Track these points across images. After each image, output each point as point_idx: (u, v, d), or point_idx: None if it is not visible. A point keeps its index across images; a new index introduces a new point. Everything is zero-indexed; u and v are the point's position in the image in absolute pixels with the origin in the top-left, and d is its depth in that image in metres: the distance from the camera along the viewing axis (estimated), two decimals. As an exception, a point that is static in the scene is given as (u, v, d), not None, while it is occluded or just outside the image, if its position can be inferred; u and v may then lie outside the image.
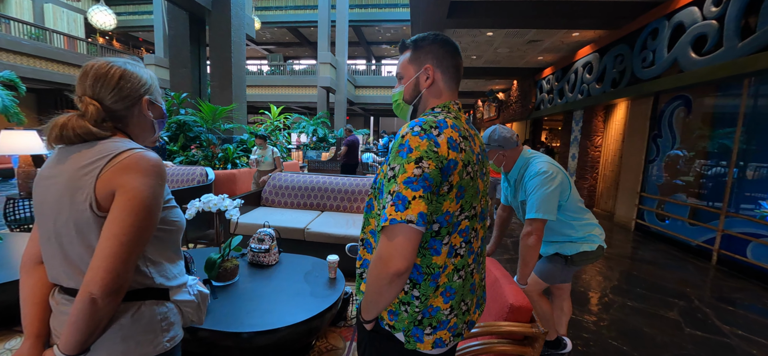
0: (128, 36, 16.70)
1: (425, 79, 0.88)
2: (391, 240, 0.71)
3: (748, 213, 3.54)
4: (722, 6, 3.43)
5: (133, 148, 0.77)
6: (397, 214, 0.70)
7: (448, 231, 0.79)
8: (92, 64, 0.79)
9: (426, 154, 0.72)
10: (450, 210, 0.77)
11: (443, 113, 0.84)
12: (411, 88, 0.91)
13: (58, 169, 0.76)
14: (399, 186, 0.72)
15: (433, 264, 0.79)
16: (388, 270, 0.71)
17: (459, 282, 0.83)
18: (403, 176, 0.72)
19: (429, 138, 0.74)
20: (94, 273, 0.70)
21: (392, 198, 0.72)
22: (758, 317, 2.66)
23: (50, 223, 0.76)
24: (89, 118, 0.76)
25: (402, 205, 0.71)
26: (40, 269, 0.83)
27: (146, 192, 0.75)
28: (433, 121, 0.78)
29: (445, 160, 0.74)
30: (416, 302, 0.80)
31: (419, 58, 0.89)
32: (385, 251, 0.72)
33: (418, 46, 0.89)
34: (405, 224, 0.70)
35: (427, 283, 0.80)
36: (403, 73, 0.92)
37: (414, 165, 0.72)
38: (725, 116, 3.89)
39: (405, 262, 0.71)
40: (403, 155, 0.73)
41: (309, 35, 17.70)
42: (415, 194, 0.71)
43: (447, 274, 0.81)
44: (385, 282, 0.73)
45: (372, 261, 0.76)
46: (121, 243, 0.71)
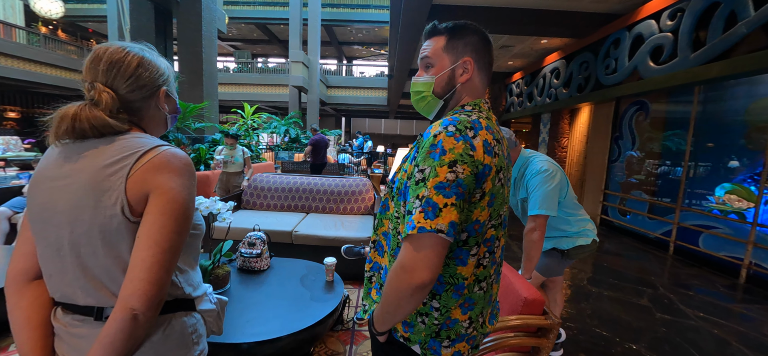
0: (76, 26, 15.23)
1: (461, 73, 0.79)
2: (418, 250, 0.66)
3: (700, 207, 3.94)
4: (677, 20, 3.79)
5: (161, 144, 0.70)
6: (426, 222, 0.64)
7: (476, 241, 0.73)
8: (105, 48, 0.70)
9: (461, 157, 0.66)
10: (480, 218, 0.71)
11: (476, 112, 0.77)
12: (444, 81, 0.80)
13: (70, 167, 0.66)
14: (429, 191, 0.65)
15: (457, 274, 0.74)
16: (411, 281, 0.66)
17: (480, 294, 0.77)
18: (434, 180, 0.65)
19: (464, 140, 0.67)
20: (136, 286, 0.62)
21: (421, 204, 0.66)
22: (714, 300, 2.95)
23: (63, 232, 0.65)
24: (104, 108, 0.67)
25: (432, 213, 0.65)
26: (34, 287, 0.71)
27: (183, 194, 0.68)
28: (468, 121, 0.71)
29: (481, 165, 0.68)
30: (435, 314, 0.75)
31: (457, 49, 0.79)
32: (408, 261, 0.66)
33: (455, 34, 0.80)
34: (434, 233, 0.64)
35: (448, 294, 0.74)
36: (435, 61, 0.81)
37: (447, 169, 0.65)
38: (679, 120, 4.31)
39: (430, 274, 0.66)
40: (435, 157, 0.67)
41: (278, 33, 17.19)
42: (447, 201, 0.65)
43: (469, 286, 0.75)
44: (407, 294, 0.68)
45: (393, 271, 0.70)
46: (164, 251, 0.64)
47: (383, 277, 0.86)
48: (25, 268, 0.71)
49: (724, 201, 3.85)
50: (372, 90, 16.65)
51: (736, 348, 2.25)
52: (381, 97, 16.59)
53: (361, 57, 21.34)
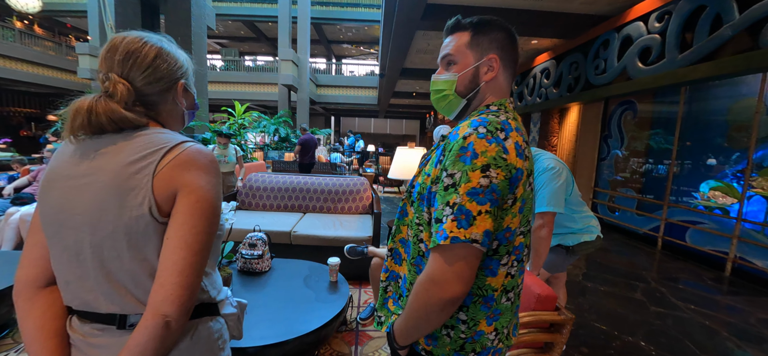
0: (53, 21, 14.61)
1: (486, 71, 0.75)
2: (449, 261, 0.62)
3: (686, 204, 4.08)
4: (664, 22, 3.91)
5: (186, 140, 0.66)
6: (459, 231, 0.60)
7: (506, 250, 0.69)
8: (122, 38, 0.66)
9: (494, 161, 0.62)
10: (511, 226, 0.67)
11: (502, 113, 0.73)
12: (468, 79, 0.76)
13: (90, 165, 0.62)
14: (462, 197, 0.61)
15: (486, 285, 0.70)
16: (442, 295, 0.62)
17: (507, 305, 0.74)
18: (466, 186, 0.61)
19: (497, 142, 0.64)
20: (168, 291, 0.58)
21: (453, 212, 0.61)
22: (702, 292, 3.06)
23: (83, 235, 0.61)
24: (119, 100, 0.63)
25: (465, 221, 0.60)
26: (46, 294, 0.66)
27: (212, 192, 0.65)
28: (498, 122, 0.67)
29: (514, 170, 0.64)
30: (462, 327, 0.71)
31: (481, 45, 0.75)
32: (439, 273, 0.62)
33: (480, 30, 0.76)
34: (468, 244, 0.60)
35: (477, 306, 0.70)
36: (458, 58, 0.77)
37: (480, 173, 0.61)
38: (666, 119, 4.45)
39: (464, 287, 0.62)
40: (466, 161, 0.63)
41: (266, 30, 16.92)
42: (482, 208, 0.61)
43: (497, 297, 0.72)
44: (436, 309, 0.64)
45: (420, 284, 0.66)
46: (195, 253, 0.61)
47: (402, 287, 0.83)
48: (36, 274, 0.66)
49: (708, 197, 4.00)
50: (362, 89, 16.59)
51: (726, 338, 2.33)
52: (371, 96, 16.55)
53: (351, 56, 21.24)
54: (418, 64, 8.76)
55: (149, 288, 0.62)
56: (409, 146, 3.16)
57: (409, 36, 5.93)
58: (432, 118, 19.23)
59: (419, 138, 23.42)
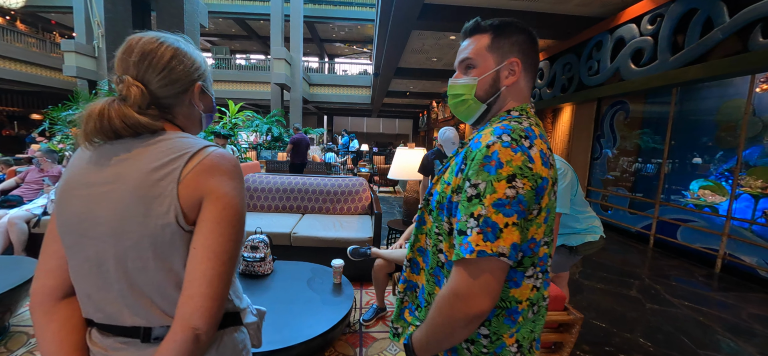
0: (37, 17, 14.16)
1: (507, 76, 0.73)
2: (475, 275, 0.60)
3: (677, 202, 4.18)
4: (656, 24, 3.99)
5: (208, 144, 0.64)
6: (485, 245, 0.58)
7: (531, 262, 0.67)
8: (138, 39, 0.63)
9: (520, 170, 0.60)
10: (536, 237, 0.66)
11: (525, 119, 0.71)
12: (488, 83, 0.74)
13: (110, 172, 0.59)
14: (487, 209, 0.59)
15: (510, 297, 0.68)
16: (468, 310, 0.60)
17: (531, 317, 0.71)
18: (492, 197, 0.59)
19: (522, 151, 0.62)
20: (197, 303, 0.57)
21: (479, 224, 0.59)
22: (695, 289, 3.14)
23: (106, 245, 0.58)
24: (132, 103, 0.60)
25: (492, 234, 0.58)
26: (64, 306, 0.64)
27: (238, 198, 0.63)
28: (521, 130, 0.66)
29: (540, 179, 0.62)
30: (484, 341, 0.70)
31: (502, 48, 0.73)
32: (464, 288, 0.60)
33: (501, 33, 0.73)
34: (495, 257, 0.58)
35: (500, 320, 0.68)
36: (478, 61, 0.74)
37: (506, 184, 0.59)
38: (657, 119, 4.54)
39: (490, 302, 0.60)
40: (491, 170, 0.60)
41: (258, 29, 16.73)
42: (508, 220, 0.59)
43: (522, 311, 0.70)
44: (461, 324, 0.62)
45: (444, 298, 0.64)
46: (223, 262, 0.59)
47: (420, 297, 0.82)
48: (53, 286, 0.64)
49: (698, 195, 4.10)
50: (355, 88, 16.54)
51: (720, 333, 2.40)
52: (364, 95, 16.51)
53: (343, 55, 21.15)
54: (413, 63, 8.78)
55: (175, 300, 0.60)
56: (409, 146, 3.16)
57: (405, 35, 5.93)
58: (425, 117, 19.29)
59: (412, 137, 23.46)
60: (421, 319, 0.80)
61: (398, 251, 2.22)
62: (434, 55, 8.06)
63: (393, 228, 3.28)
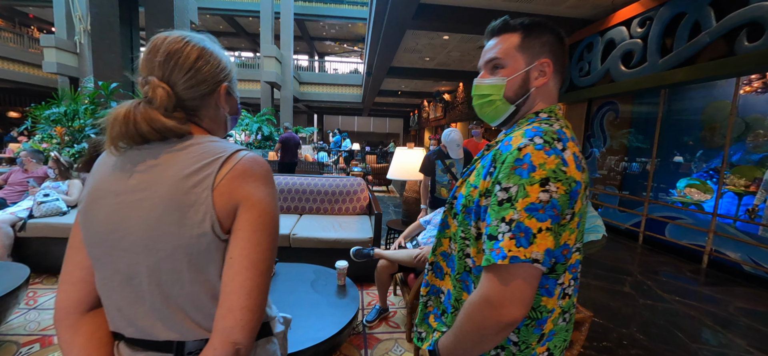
0: (14, 10, 13.56)
1: (537, 77, 0.71)
2: (507, 282, 0.58)
3: (665, 200, 4.31)
4: (646, 27, 4.09)
5: (240, 148, 0.62)
6: (518, 250, 0.57)
7: (563, 268, 0.66)
8: (163, 38, 0.61)
9: (553, 174, 0.59)
10: (569, 242, 0.64)
11: (554, 121, 0.69)
12: (517, 84, 0.72)
13: (141, 179, 0.57)
14: (520, 213, 0.58)
15: (541, 306, 0.66)
16: (500, 318, 0.59)
17: (563, 325, 0.70)
18: (524, 201, 0.58)
19: (556, 154, 0.60)
20: (237, 316, 0.55)
21: (510, 229, 0.58)
22: (684, 284, 3.25)
23: (139, 256, 0.56)
24: (158, 106, 0.58)
25: (525, 239, 0.57)
26: (89, 320, 0.62)
27: (273, 205, 0.61)
28: (553, 132, 0.64)
29: (574, 183, 0.60)
30: (513, 348, 0.69)
31: (533, 49, 0.71)
32: (496, 295, 0.59)
33: (532, 33, 0.71)
34: (529, 263, 0.57)
35: (529, 329, 0.67)
36: (507, 61, 0.72)
37: (539, 187, 0.58)
38: (646, 120, 4.67)
39: (523, 310, 0.59)
40: (523, 174, 0.59)
41: (247, 26, 16.46)
42: (542, 225, 0.57)
43: (553, 319, 0.68)
44: (492, 332, 0.61)
45: (474, 305, 0.63)
46: (261, 273, 0.57)
47: (445, 302, 0.81)
48: (77, 298, 0.61)
49: (685, 194, 4.25)
50: (346, 87, 16.47)
51: (711, 326, 2.49)
52: (355, 94, 16.44)
53: (334, 53, 21.01)
54: (406, 62, 8.79)
55: (210, 312, 0.58)
56: (408, 146, 3.16)
57: (400, 35, 5.93)
58: (416, 116, 19.34)
59: (403, 136, 23.50)
60: (447, 325, 0.79)
61: (401, 252, 2.21)
62: (428, 55, 8.08)
63: (392, 229, 3.28)
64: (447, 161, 2.84)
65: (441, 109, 13.16)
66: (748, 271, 3.37)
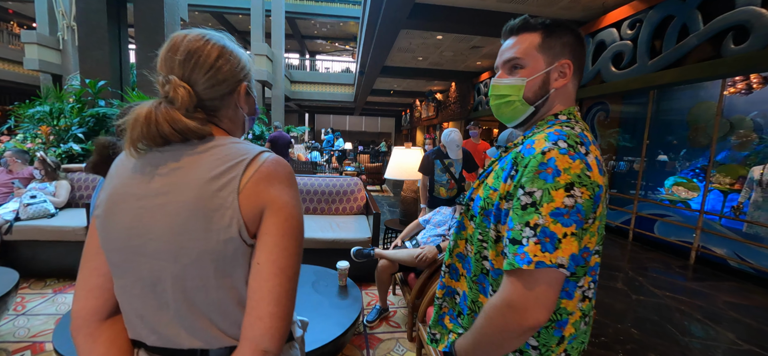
0: (-10, 5, 13.05)
1: (557, 78, 0.71)
2: (531, 287, 0.58)
3: (654, 198, 4.42)
4: (636, 30, 4.19)
5: (263, 150, 0.61)
6: (544, 255, 0.57)
7: (584, 271, 0.66)
8: (183, 36, 0.59)
9: (578, 179, 0.58)
10: (589, 246, 0.64)
11: (574, 123, 0.69)
12: (537, 85, 0.71)
13: (163, 183, 0.55)
14: (544, 218, 0.57)
15: (561, 309, 0.66)
16: (522, 323, 0.59)
17: (583, 329, 0.70)
18: (549, 206, 0.58)
19: (580, 158, 0.60)
20: (267, 324, 0.54)
21: (535, 234, 0.58)
22: (673, 280, 3.35)
23: (163, 263, 0.54)
24: (180, 106, 0.56)
25: (550, 244, 0.57)
26: (108, 327, 0.60)
27: (298, 208, 0.60)
28: (576, 135, 0.64)
29: (597, 187, 0.60)
30: (532, 352, 0.69)
31: (553, 49, 0.70)
32: (520, 299, 0.59)
33: (552, 33, 0.70)
34: (554, 269, 0.57)
35: (549, 332, 0.67)
36: (527, 61, 0.70)
37: (564, 192, 0.58)
38: (635, 120, 4.78)
39: (546, 314, 0.59)
40: (548, 178, 0.59)
41: (236, 23, 16.24)
42: (567, 230, 0.57)
43: (573, 322, 0.68)
44: (514, 336, 0.61)
45: (495, 308, 0.63)
46: (289, 278, 0.56)
47: (461, 304, 0.81)
48: (95, 306, 0.59)
49: (672, 191, 4.37)
50: (338, 86, 16.39)
51: (700, 320, 2.56)
52: (346, 93, 16.38)
53: (325, 52, 20.88)
54: (399, 62, 8.79)
55: (236, 319, 0.57)
56: (406, 146, 3.17)
57: (394, 34, 5.93)
58: (408, 115, 19.38)
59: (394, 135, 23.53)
60: (464, 327, 0.79)
61: (402, 251, 2.22)
62: (421, 54, 8.10)
63: (390, 228, 3.28)
64: (446, 161, 2.85)
65: (433, 108, 13.22)
66: (734, 267, 3.48)
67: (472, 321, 0.77)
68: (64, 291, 2.56)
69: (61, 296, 2.48)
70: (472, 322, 0.77)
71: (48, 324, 2.12)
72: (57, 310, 2.29)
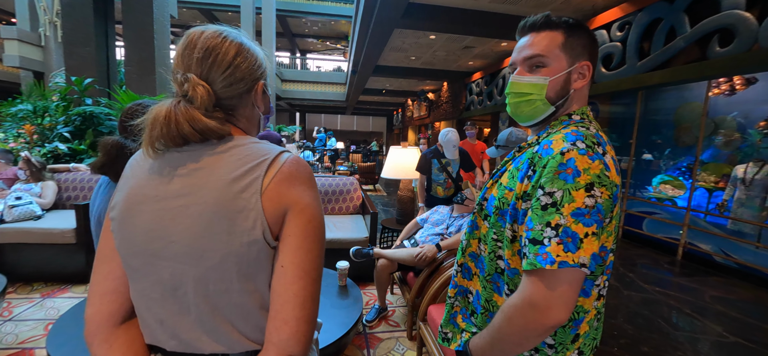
0: (-35, -2, 12.52)
1: (577, 79, 0.71)
2: (553, 286, 0.58)
3: (642, 195, 4.54)
4: (625, 32, 4.28)
5: (282, 150, 0.60)
6: (566, 255, 0.57)
7: (601, 270, 0.67)
8: (200, 33, 0.57)
9: (598, 179, 0.59)
10: (606, 245, 0.65)
11: (587, 123, 0.70)
12: (559, 85, 0.70)
13: (184, 184, 0.54)
14: (566, 218, 0.58)
15: (578, 307, 0.67)
16: (545, 321, 0.59)
17: (596, 326, 0.72)
18: (571, 206, 0.58)
19: (599, 159, 0.60)
20: (293, 328, 0.53)
21: (557, 234, 0.58)
22: (662, 275, 3.44)
23: (185, 266, 0.53)
24: (199, 105, 0.55)
25: (572, 244, 0.57)
26: (123, 332, 0.58)
27: (319, 210, 0.59)
28: (592, 136, 0.64)
29: (615, 187, 0.61)
30: (548, 351, 0.69)
31: (575, 50, 0.70)
32: (541, 299, 0.59)
33: (574, 33, 0.70)
34: (577, 268, 0.57)
35: (566, 330, 0.68)
36: (550, 60, 0.70)
37: (584, 192, 0.58)
38: (624, 119, 4.89)
39: (567, 313, 0.59)
40: (568, 179, 0.59)
41: (226, 21, 15.62)
42: (588, 230, 0.58)
43: (588, 321, 0.69)
44: (535, 334, 0.62)
45: (515, 307, 0.63)
46: (314, 281, 0.56)
47: (474, 303, 0.81)
48: (110, 311, 0.58)
49: (659, 189, 4.49)
50: (329, 85, 16.29)
51: (689, 314, 2.64)
52: (338, 92, 16.30)
53: (316, 50, 20.73)
54: (392, 61, 8.79)
55: (258, 322, 0.56)
56: (402, 145, 3.17)
57: (387, 33, 5.92)
58: (399, 115, 19.40)
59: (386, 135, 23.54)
60: (477, 326, 0.80)
61: (402, 250, 2.22)
62: (413, 54, 8.12)
63: (387, 227, 3.28)
64: (443, 160, 2.87)
65: (425, 107, 13.27)
66: (719, 262, 3.60)
67: (486, 320, 0.77)
68: (52, 295, 2.48)
69: (49, 300, 2.40)
70: (485, 321, 0.77)
71: (37, 329, 2.06)
72: (46, 315, 2.21)
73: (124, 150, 0.88)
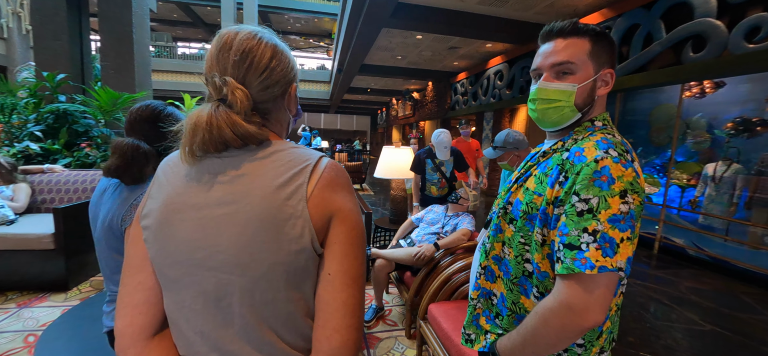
0: None
1: (600, 86, 0.73)
2: (592, 290, 0.60)
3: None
4: (605, 35, 4.47)
5: (322, 155, 0.59)
6: (606, 260, 0.59)
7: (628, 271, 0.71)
8: (235, 33, 0.55)
9: (631, 186, 0.61)
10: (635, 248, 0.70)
11: (611, 129, 0.72)
12: (586, 92, 0.72)
13: (225, 191, 0.52)
14: (603, 224, 0.60)
15: None
16: (582, 324, 0.61)
17: (616, 320, 0.76)
18: (607, 212, 0.60)
19: (631, 167, 0.63)
20: (344, 336, 0.52)
21: (596, 240, 0.60)
22: (641, 268, 3.63)
23: (230, 276, 0.51)
24: (239, 110, 0.53)
25: (610, 250, 0.59)
26: (157, 345, 0.56)
27: (359, 216, 0.58)
28: (620, 143, 0.66)
29: (644, 193, 0.65)
30: (578, 349, 0.71)
31: (601, 57, 0.71)
32: (579, 302, 0.61)
33: (600, 40, 0.71)
34: (614, 272, 0.60)
35: (594, 329, 0.70)
36: (579, 67, 0.71)
37: (619, 199, 0.60)
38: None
39: (603, 315, 0.61)
40: (603, 186, 0.61)
41: (205, 15, 15.51)
42: (624, 235, 0.60)
43: (611, 317, 0.72)
44: (571, 336, 0.64)
45: (551, 310, 0.64)
46: (360, 288, 0.55)
47: (498, 305, 0.82)
48: (143, 323, 0.55)
49: (637, 187, 4.71)
50: (313, 83, 16.09)
51: (667, 304, 2.80)
52: (322, 90, 16.13)
53: (299, 48, 20.42)
54: (377, 60, 8.78)
55: (303, 331, 0.55)
56: (395, 145, 3.18)
57: (375, 32, 5.91)
58: (384, 114, 19.43)
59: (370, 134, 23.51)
60: (503, 328, 0.81)
61: (400, 250, 2.24)
62: (400, 54, 8.14)
63: (380, 227, 3.28)
64: (436, 160, 2.90)
65: (410, 107, 13.35)
66: (692, 255, 3.83)
67: (514, 322, 0.78)
68: (29, 305, 2.33)
69: (26, 310, 2.26)
70: (512, 323, 0.78)
71: (16, 341, 1.93)
72: (24, 326, 2.08)
73: (140, 151, 0.84)
